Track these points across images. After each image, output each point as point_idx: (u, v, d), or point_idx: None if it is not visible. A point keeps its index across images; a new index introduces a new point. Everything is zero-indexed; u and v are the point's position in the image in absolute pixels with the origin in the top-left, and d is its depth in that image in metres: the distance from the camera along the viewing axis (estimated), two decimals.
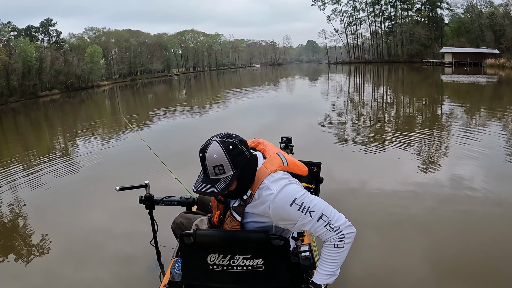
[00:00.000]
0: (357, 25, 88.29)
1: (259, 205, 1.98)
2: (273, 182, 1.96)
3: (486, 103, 16.05)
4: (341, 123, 12.10)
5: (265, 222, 2.05)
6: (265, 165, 2.03)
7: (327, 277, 2.00)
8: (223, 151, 1.87)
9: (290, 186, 1.95)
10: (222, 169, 1.88)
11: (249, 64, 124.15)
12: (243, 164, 1.93)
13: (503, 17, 53.12)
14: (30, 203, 6.16)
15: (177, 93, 37.64)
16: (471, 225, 4.39)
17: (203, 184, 1.93)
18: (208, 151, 1.88)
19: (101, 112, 25.20)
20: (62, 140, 14.20)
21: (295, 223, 1.94)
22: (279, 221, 2.00)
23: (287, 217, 1.94)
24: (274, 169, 2.00)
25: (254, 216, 2.04)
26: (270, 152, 2.14)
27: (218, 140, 1.90)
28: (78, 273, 3.88)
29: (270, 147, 2.20)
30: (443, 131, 9.95)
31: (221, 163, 1.87)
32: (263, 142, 2.26)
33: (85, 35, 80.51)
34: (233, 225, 2.07)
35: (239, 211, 2.05)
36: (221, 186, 1.88)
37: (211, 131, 2.20)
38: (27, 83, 50.34)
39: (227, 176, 1.90)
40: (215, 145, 1.88)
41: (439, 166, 6.79)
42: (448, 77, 35.24)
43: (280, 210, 1.92)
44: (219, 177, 1.90)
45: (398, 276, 3.45)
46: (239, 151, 1.91)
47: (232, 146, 1.90)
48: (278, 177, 1.98)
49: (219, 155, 1.87)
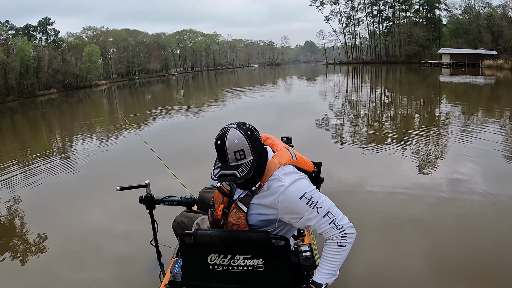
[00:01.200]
0: (355, 26, 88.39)
1: (268, 196, 2.01)
2: (285, 175, 2.00)
3: (484, 104, 16.10)
4: (340, 124, 12.12)
5: (270, 215, 2.07)
6: (275, 158, 2.07)
7: (328, 277, 2.01)
8: (244, 136, 1.91)
9: (301, 181, 2.00)
10: (243, 154, 1.90)
11: (247, 64, 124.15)
12: (260, 151, 1.98)
13: (501, 19, 53.17)
14: (28, 202, 6.15)
15: (175, 93, 37.57)
16: (470, 225, 4.40)
17: (223, 171, 1.94)
18: (228, 136, 1.90)
19: (99, 112, 25.10)
20: (60, 139, 14.17)
21: (301, 217, 1.97)
22: (285, 214, 2.02)
23: (294, 210, 1.97)
24: (284, 162, 2.05)
25: (260, 207, 2.06)
26: (279, 146, 2.18)
27: (235, 127, 1.93)
28: (77, 273, 3.86)
29: (278, 143, 2.24)
30: (442, 131, 9.97)
31: (242, 148, 1.90)
32: (271, 137, 2.30)
33: (83, 34, 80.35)
34: (238, 216, 2.09)
35: (245, 202, 2.07)
36: (243, 171, 1.90)
37: (210, 131, 2.21)
38: (25, 82, 50.14)
39: (247, 161, 1.92)
40: (234, 131, 1.91)
41: (438, 166, 6.81)
42: (446, 78, 35.32)
43: (289, 202, 1.96)
44: (240, 163, 1.92)
45: (398, 276, 3.45)
46: (256, 137, 1.96)
47: (250, 131, 1.94)
48: (289, 171, 2.03)
49: (240, 140, 1.90)
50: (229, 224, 2.14)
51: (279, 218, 2.07)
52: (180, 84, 53.96)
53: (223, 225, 2.21)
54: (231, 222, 2.13)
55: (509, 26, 48.44)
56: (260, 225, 2.12)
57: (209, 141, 2.21)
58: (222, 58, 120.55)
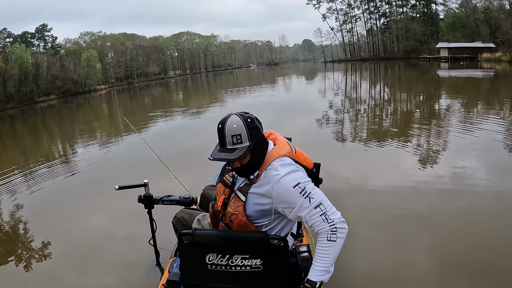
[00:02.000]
0: (353, 23, 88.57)
1: (264, 184, 2.09)
2: (282, 165, 2.09)
3: (484, 97, 16.08)
4: (340, 121, 12.08)
5: (266, 204, 2.13)
6: (275, 149, 2.17)
7: (322, 274, 1.99)
8: (242, 122, 2.03)
9: (296, 172, 2.08)
10: (240, 138, 2.02)
11: (246, 64, 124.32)
12: (258, 139, 2.08)
13: (498, 11, 53.20)
14: (30, 207, 6.15)
15: (174, 95, 37.60)
16: (473, 220, 4.36)
17: (220, 153, 2.05)
18: (228, 121, 2.03)
19: (99, 116, 25.15)
20: (60, 144, 14.17)
21: (294, 207, 2.01)
22: (279, 204, 2.07)
23: (287, 199, 2.03)
24: (283, 154, 2.14)
25: (256, 197, 2.13)
26: (279, 141, 2.28)
27: (237, 114, 2.07)
28: (78, 274, 3.87)
29: (281, 138, 2.33)
30: (442, 126, 9.94)
31: (239, 133, 2.02)
32: (274, 133, 2.39)
33: (80, 39, 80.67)
34: (236, 206, 2.16)
35: (244, 191, 2.16)
36: (237, 154, 2.01)
37: (209, 133, 2.23)
38: (24, 89, 50.31)
39: (243, 146, 2.03)
40: (234, 117, 2.05)
41: (439, 161, 6.77)
42: (445, 72, 35.34)
43: (282, 191, 2.03)
44: (236, 147, 2.03)
45: (403, 272, 3.43)
46: (256, 126, 2.08)
47: (250, 120, 2.07)
48: (287, 162, 2.11)
49: (239, 125, 2.02)
50: (228, 214, 2.20)
51: (275, 208, 2.12)
52: (179, 87, 53.99)
53: (223, 216, 2.25)
54: (229, 212, 2.19)
55: (507, 19, 48.43)
56: (257, 216, 2.17)
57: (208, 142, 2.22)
58: (220, 59, 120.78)
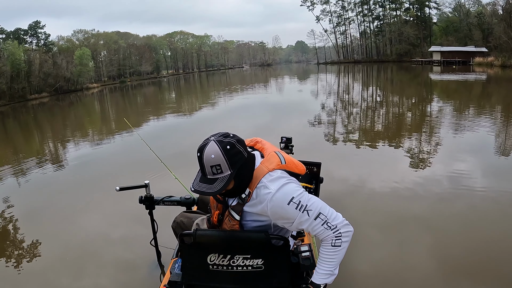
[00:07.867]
0: (346, 25, 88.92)
1: (258, 204, 1.97)
2: (271, 181, 1.95)
3: (476, 101, 16.23)
4: (338, 123, 12.11)
5: (264, 221, 2.05)
6: (263, 164, 2.02)
7: (326, 277, 1.99)
8: (220, 151, 1.86)
9: (288, 186, 1.95)
10: (220, 169, 1.88)
11: (239, 65, 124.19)
12: (241, 164, 1.92)
13: (491, 16, 53.68)
14: (24, 207, 6.08)
15: (167, 95, 37.47)
16: (473, 222, 4.41)
17: (201, 183, 1.92)
18: (206, 151, 1.87)
19: (91, 115, 24.96)
20: (52, 143, 14.01)
21: (293, 221, 1.93)
22: (277, 220, 1.99)
23: (285, 216, 1.93)
24: (272, 168, 1.99)
25: (252, 215, 2.04)
26: (268, 151, 2.12)
27: (215, 140, 1.90)
28: (78, 275, 3.84)
29: (268, 146, 2.19)
30: (439, 129, 9.97)
31: (218, 163, 1.87)
32: (261, 141, 2.25)
33: (73, 37, 79.91)
34: (232, 224, 2.07)
35: (237, 210, 2.04)
36: (218, 186, 1.88)
37: (205, 132, 2.20)
38: (16, 86, 49.78)
39: (224, 176, 1.89)
40: (212, 145, 1.88)
41: (437, 163, 6.79)
42: (437, 75, 35.53)
43: (277, 208, 1.92)
44: (216, 177, 1.89)
45: (405, 273, 3.45)
46: (237, 151, 1.91)
47: (230, 146, 1.89)
48: (276, 176, 1.97)
49: (217, 155, 1.86)
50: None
51: (273, 223, 2.06)
52: (172, 86, 53.78)
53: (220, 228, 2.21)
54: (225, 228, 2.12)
55: (499, 24, 48.82)
56: (256, 230, 2.10)
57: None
58: (213, 59, 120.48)
